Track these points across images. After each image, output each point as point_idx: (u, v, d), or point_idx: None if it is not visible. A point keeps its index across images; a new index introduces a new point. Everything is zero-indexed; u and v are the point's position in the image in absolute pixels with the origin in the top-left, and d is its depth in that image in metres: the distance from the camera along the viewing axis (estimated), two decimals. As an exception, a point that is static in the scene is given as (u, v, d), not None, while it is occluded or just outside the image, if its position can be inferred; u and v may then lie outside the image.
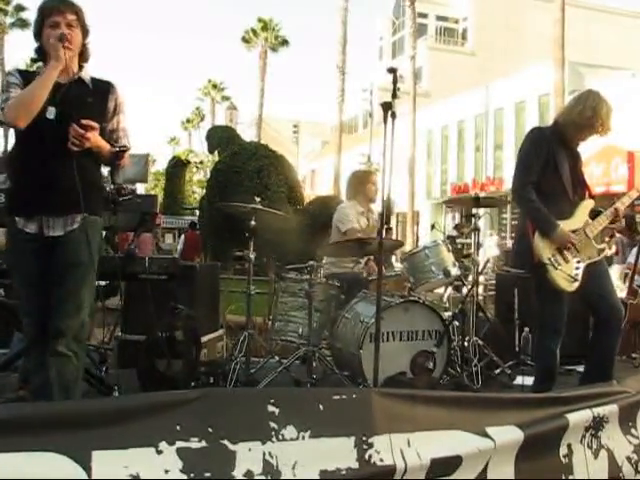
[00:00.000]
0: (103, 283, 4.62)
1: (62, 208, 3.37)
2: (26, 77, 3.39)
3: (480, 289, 6.69)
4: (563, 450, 3.26)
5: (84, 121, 3.26)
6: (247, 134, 41.05)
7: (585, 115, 4.37)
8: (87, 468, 2.46)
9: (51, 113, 3.29)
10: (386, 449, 2.79)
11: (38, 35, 3.44)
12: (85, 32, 3.49)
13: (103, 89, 3.54)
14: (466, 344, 5.51)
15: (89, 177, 3.44)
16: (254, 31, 44.77)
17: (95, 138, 3.34)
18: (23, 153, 3.43)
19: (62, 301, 3.33)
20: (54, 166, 3.32)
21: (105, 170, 3.89)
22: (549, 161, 4.33)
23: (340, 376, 5.05)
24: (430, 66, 48.79)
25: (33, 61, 3.67)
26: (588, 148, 4.71)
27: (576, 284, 4.31)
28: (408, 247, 12.29)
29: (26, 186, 3.38)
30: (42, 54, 3.43)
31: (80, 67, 3.52)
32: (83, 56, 3.53)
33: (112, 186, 4.15)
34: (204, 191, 24.14)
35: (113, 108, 3.55)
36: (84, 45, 3.51)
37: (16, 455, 2.45)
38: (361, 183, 6.22)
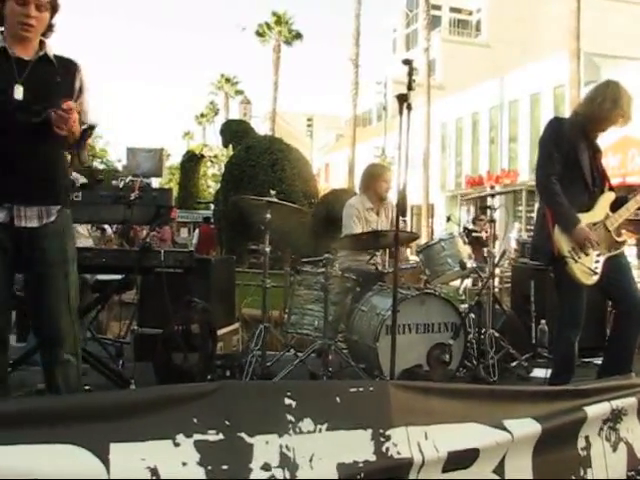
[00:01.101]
0: (119, 277, 4.64)
1: (36, 197, 3.08)
2: None
3: (495, 281, 6.67)
4: (581, 443, 3.24)
5: (67, 103, 2.96)
6: (261, 128, 41.13)
7: (605, 107, 4.32)
8: (105, 460, 2.47)
9: (19, 93, 3.00)
10: (403, 442, 2.79)
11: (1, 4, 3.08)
12: (54, 10, 3.15)
13: (69, 68, 3.24)
14: (482, 336, 5.49)
15: (61, 164, 3.25)
16: (268, 25, 44.75)
17: (77, 123, 3.06)
18: None
19: (50, 305, 3.11)
20: (25, 150, 3.03)
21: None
22: (569, 152, 4.28)
23: (356, 369, 5.04)
24: (444, 58, 48.59)
25: None
26: (604, 139, 4.65)
27: (595, 277, 4.28)
28: (423, 240, 12.25)
29: None
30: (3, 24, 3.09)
31: (41, 43, 3.17)
32: (45, 32, 3.20)
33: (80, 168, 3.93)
34: (218, 185, 24.19)
35: (78, 89, 3.26)
36: (50, 25, 3.20)
37: (35, 447, 2.47)
38: (373, 179, 6.18)
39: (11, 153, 3.01)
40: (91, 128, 3.29)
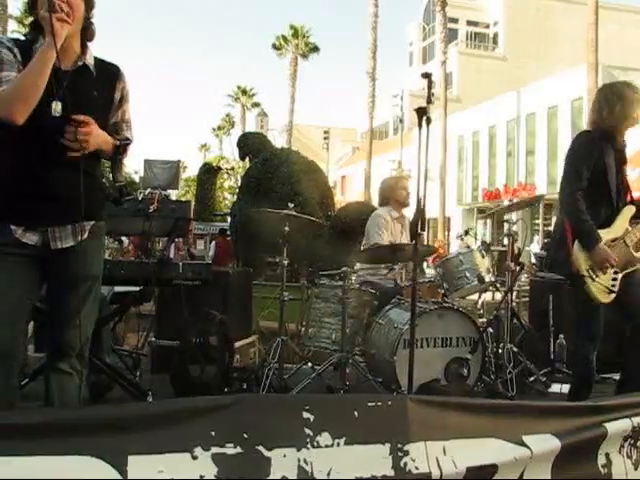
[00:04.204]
0: (136, 289, 4.65)
1: (70, 216, 2.94)
2: (23, 48, 2.87)
3: (513, 295, 6.62)
4: (601, 460, 3.20)
5: (77, 117, 2.78)
6: (278, 140, 41.24)
7: (615, 107, 4.28)
8: (123, 472, 2.48)
9: (57, 110, 2.77)
10: (422, 457, 2.77)
11: (33, 5, 2.89)
12: (89, 4, 2.96)
13: (109, 76, 3.06)
14: (500, 351, 5.46)
15: (95, 180, 3.07)
16: (285, 38, 45.02)
17: (96, 139, 2.86)
18: (19, 154, 2.88)
19: (67, 317, 3.02)
20: (60, 170, 2.87)
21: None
22: (598, 166, 4.23)
23: (373, 382, 5.02)
24: (461, 71, 48.66)
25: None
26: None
27: (612, 295, 4.24)
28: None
29: (25, 193, 2.87)
30: (38, 30, 2.89)
31: (83, 48, 2.99)
32: (86, 33, 3.00)
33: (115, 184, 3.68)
34: (235, 197, 24.24)
35: (119, 98, 3.10)
36: (88, 19, 2.98)
37: (53, 458, 2.47)
38: (391, 189, 6.21)
39: (45, 173, 2.87)
40: (125, 144, 3.12)
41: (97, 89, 2.96)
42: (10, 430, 2.51)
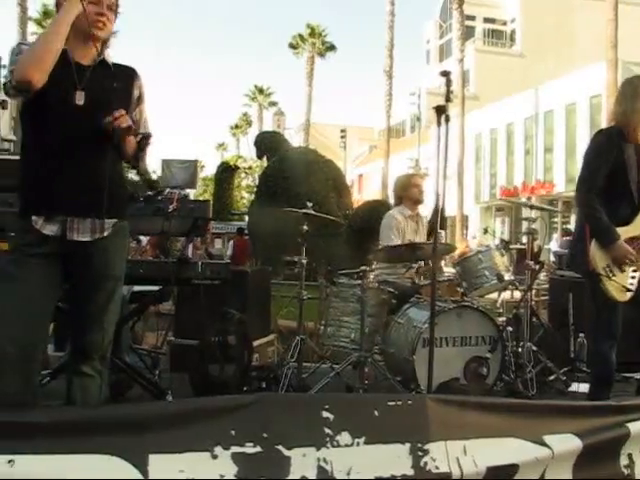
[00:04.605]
0: (155, 288, 4.66)
1: (90, 209, 2.95)
2: None
3: (532, 293, 6.58)
4: (624, 460, 3.17)
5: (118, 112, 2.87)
6: (295, 139, 41.32)
7: (636, 104, 4.24)
8: (143, 471, 2.49)
9: (80, 98, 2.89)
10: (442, 456, 2.76)
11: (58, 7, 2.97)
12: (115, 14, 3.08)
13: (127, 75, 3.14)
14: (520, 350, 5.42)
15: (118, 174, 3.12)
16: (301, 37, 45.04)
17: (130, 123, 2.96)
18: (45, 144, 2.93)
19: (90, 319, 3.03)
20: (83, 159, 2.94)
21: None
22: (617, 164, 4.19)
23: (392, 382, 5.02)
24: (478, 69, 48.49)
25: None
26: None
27: (629, 294, 4.21)
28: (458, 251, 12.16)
29: (49, 181, 2.91)
30: None
31: (101, 50, 3.08)
32: (107, 42, 3.12)
33: (139, 178, 3.70)
34: (252, 196, 24.29)
35: (137, 96, 3.17)
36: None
37: (75, 457, 2.49)
38: (404, 188, 6.19)
39: (67, 162, 2.91)
40: (147, 137, 3.20)
41: (116, 82, 3.02)
42: (32, 429, 2.53)
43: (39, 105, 2.86)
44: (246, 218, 23.87)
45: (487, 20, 56.35)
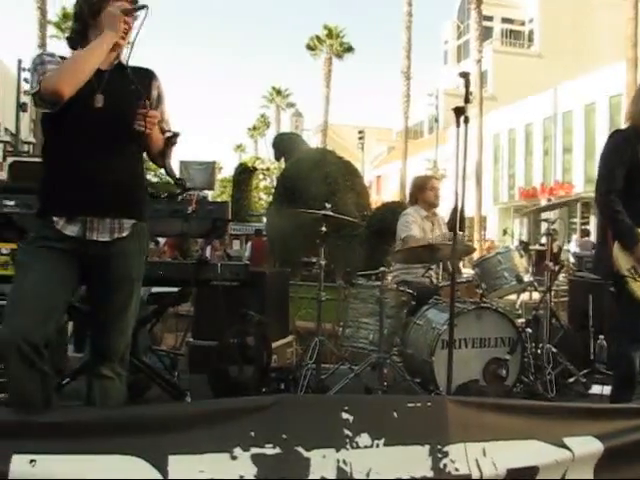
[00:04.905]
0: (173, 289, 4.68)
1: (110, 209, 2.97)
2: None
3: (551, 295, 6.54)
4: (647, 462, 3.15)
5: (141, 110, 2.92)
6: (312, 141, 41.34)
7: None
8: (163, 472, 2.50)
9: (99, 101, 2.92)
10: (461, 458, 2.76)
11: (95, 14, 3.01)
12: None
13: (145, 77, 3.16)
14: (539, 352, 5.40)
15: (138, 175, 3.14)
16: (319, 38, 45.06)
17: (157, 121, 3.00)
18: (65, 146, 2.96)
19: (109, 321, 3.04)
20: (102, 161, 2.94)
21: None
22: (633, 164, 4.17)
23: (411, 383, 5.01)
24: (496, 69, 48.29)
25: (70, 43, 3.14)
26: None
27: None
28: (476, 253, 12.14)
29: (70, 183, 2.93)
30: (85, 36, 3.03)
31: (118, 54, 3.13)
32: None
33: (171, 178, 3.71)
34: (270, 198, 24.34)
35: (157, 97, 3.18)
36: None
37: (95, 457, 2.51)
38: (419, 189, 6.19)
39: (88, 164, 2.93)
40: (175, 136, 3.21)
41: (134, 84, 3.04)
42: (53, 429, 2.55)
43: (60, 109, 2.87)
44: (264, 219, 23.92)
45: (505, 20, 56.12)
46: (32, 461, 2.42)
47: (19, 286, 2.89)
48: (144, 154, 3.19)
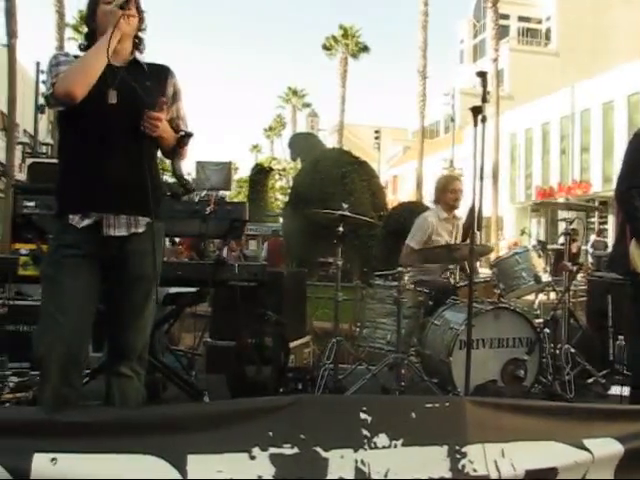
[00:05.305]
0: (190, 290, 4.69)
1: (126, 206, 2.98)
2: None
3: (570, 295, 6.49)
4: (669, 464, 3.12)
5: (157, 113, 2.92)
6: (328, 141, 41.31)
7: None
8: (182, 471, 2.51)
9: (113, 97, 2.92)
10: (480, 459, 2.75)
11: (92, 17, 3.07)
12: (140, 19, 3.14)
13: (160, 73, 3.16)
14: (558, 352, 5.37)
15: (153, 172, 3.11)
16: (335, 38, 45.02)
17: (163, 122, 2.98)
18: (80, 144, 2.98)
19: (127, 320, 3.06)
20: (117, 157, 2.95)
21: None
22: None
23: (429, 383, 5.00)
24: (512, 68, 48.03)
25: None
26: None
27: None
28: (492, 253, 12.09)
29: (85, 180, 2.96)
30: (93, 39, 3.04)
31: (132, 50, 3.14)
32: (138, 46, 3.18)
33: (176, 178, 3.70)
34: (287, 198, 24.36)
35: (172, 94, 3.16)
36: (138, 37, 3.18)
37: (115, 456, 2.52)
38: (441, 190, 6.18)
39: (102, 160, 2.94)
40: (187, 136, 3.20)
41: (150, 80, 3.05)
42: (74, 428, 2.57)
43: (74, 106, 2.89)
44: (280, 220, 23.95)
45: (522, 19, 55.86)
46: (53, 460, 2.44)
47: (53, 301, 2.93)
48: (159, 152, 3.20)
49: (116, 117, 2.93)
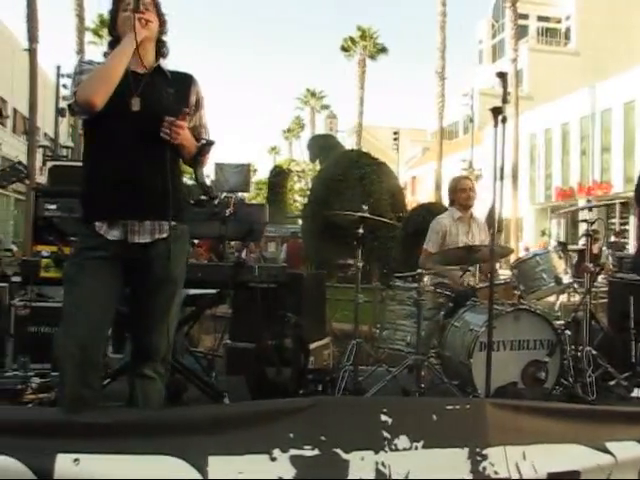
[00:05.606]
0: (210, 291, 4.71)
1: (149, 212, 3.01)
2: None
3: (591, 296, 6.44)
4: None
5: (169, 118, 2.95)
6: (347, 142, 41.29)
7: None
8: (203, 472, 2.53)
9: (136, 104, 2.96)
10: (501, 461, 2.74)
11: (114, 25, 3.13)
12: (162, 22, 3.16)
13: (184, 82, 3.19)
14: (579, 354, 5.32)
15: (176, 178, 3.14)
16: (353, 39, 44.99)
17: (185, 131, 3.00)
18: (104, 150, 3.01)
19: (151, 322, 3.08)
20: (140, 164, 2.98)
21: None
22: None
23: (449, 385, 4.98)
24: (532, 68, 47.75)
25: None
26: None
27: None
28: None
29: (109, 187, 2.98)
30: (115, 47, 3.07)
31: (157, 59, 3.18)
32: (160, 51, 3.20)
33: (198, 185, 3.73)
34: (305, 199, 24.38)
35: (195, 102, 3.19)
36: (161, 40, 3.20)
37: (136, 457, 2.54)
38: (452, 191, 6.19)
39: (126, 167, 2.96)
40: (209, 144, 3.21)
41: (173, 88, 3.08)
42: (97, 429, 2.59)
43: (99, 113, 2.92)
44: (299, 221, 23.97)
45: (541, 18, 55.55)
46: (76, 460, 2.46)
47: (72, 301, 2.97)
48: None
49: (140, 124, 2.95)
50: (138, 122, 2.95)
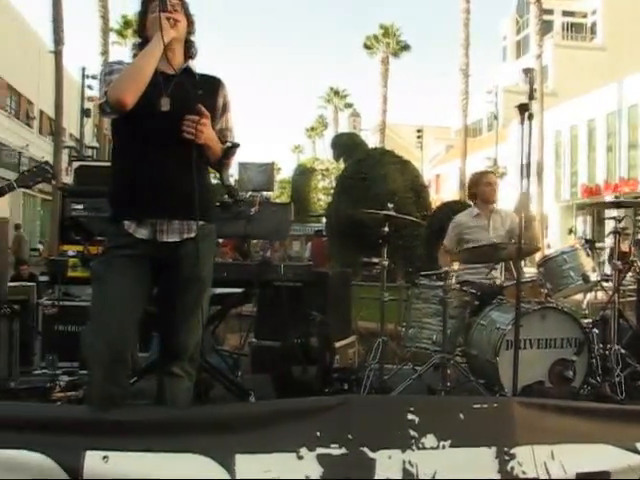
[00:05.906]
0: (235, 290, 4.72)
1: (178, 212, 3.03)
2: None
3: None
4: None
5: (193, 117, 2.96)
6: (371, 140, 41.19)
7: None
8: (231, 470, 2.54)
9: (165, 105, 2.99)
10: (529, 461, 2.72)
11: (142, 27, 3.18)
12: (190, 23, 3.20)
13: (212, 84, 3.22)
14: (607, 353, 5.26)
15: (204, 178, 3.18)
16: (376, 37, 44.88)
17: (209, 131, 3.02)
18: (133, 150, 3.05)
19: (179, 321, 3.10)
20: (169, 163, 3.02)
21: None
22: None
23: (475, 384, 4.94)
24: (557, 64, 47.38)
25: None
26: None
27: None
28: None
29: (138, 187, 3.02)
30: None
31: (186, 60, 3.21)
32: (188, 52, 3.23)
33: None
34: (329, 198, 24.39)
35: (222, 105, 3.22)
36: (189, 41, 3.23)
37: (164, 455, 2.56)
38: (475, 185, 6.17)
39: (155, 167, 3.00)
40: (234, 147, 3.22)
41: (201, 90, 3.09)
42: (125, 427, 2.61)
43: (128, 113, 2.94)
44: (323, 220, 23.99)
45: (566, 13, 55.12)
46: (105, 457, 2.48)
47: (100, 299, 3.00)
48: None
49: (169, 124, 2.96)
50: (167, 122, 2.97)
